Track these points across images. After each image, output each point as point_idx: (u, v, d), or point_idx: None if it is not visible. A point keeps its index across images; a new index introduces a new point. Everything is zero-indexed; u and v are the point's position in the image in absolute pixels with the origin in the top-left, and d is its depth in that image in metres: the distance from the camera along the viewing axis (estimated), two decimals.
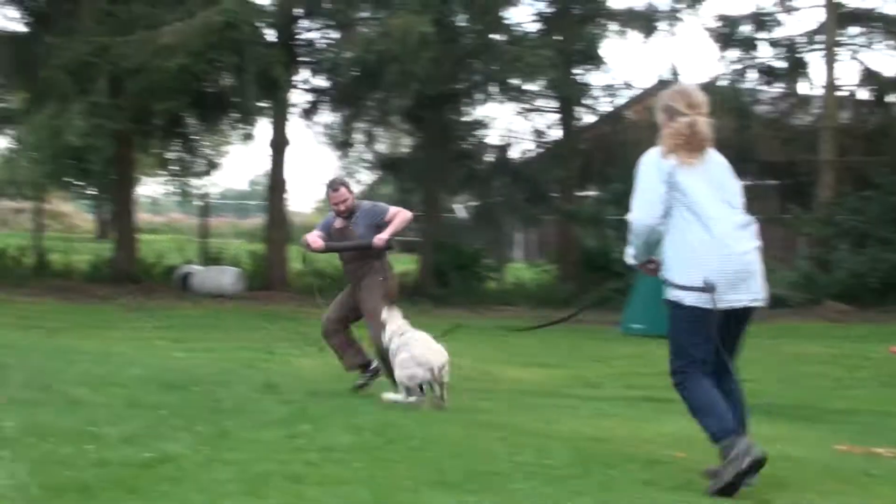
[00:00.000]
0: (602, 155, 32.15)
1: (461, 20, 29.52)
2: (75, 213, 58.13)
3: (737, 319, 7.15)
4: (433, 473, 6.80)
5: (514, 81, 30.16)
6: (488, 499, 6.28)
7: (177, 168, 33.30)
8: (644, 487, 6.80)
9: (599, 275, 28.63)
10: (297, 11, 29.56)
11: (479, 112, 32.66)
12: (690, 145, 7.18)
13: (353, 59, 27.20)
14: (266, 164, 30.85)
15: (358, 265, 11.59)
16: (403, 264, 32.53)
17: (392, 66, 25.64)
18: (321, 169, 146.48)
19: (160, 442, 7.30)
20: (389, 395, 10.54)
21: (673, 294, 7.15)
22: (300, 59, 30.14)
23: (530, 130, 33.31)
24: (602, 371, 15.28)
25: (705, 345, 7.05)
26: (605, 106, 32.63)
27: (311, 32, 30.62)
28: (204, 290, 26.73)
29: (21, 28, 29.42)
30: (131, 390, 9.89)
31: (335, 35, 29.81)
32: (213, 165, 34.14)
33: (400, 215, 11.62)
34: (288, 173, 30.40)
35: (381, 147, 35.89)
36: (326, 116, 32.36)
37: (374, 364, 11.57)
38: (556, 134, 32.92)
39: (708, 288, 6.89)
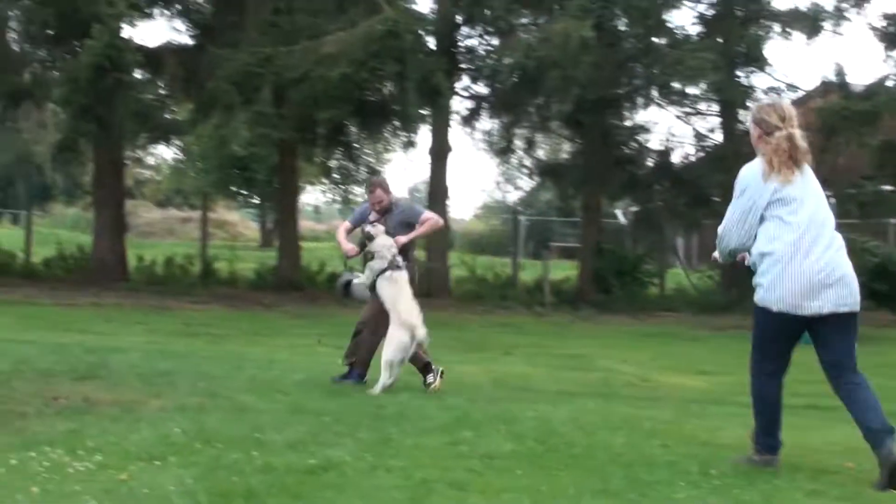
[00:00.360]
0: None
1: (622, 24, 29.31)
2: (240, 221, 59.20)
3: (829, 327, 7.35)
4: (595, 482, 6.75)
5: (676, 85, 29.85)
6: None
7: (339, 176, 33.67)
8: (809, 498, 6.66)
9: None
10: (458, 19, 29.69)
11: (639, 116, 32.42)
12: (793, 160, 7.39)
13: (513, 65, 27.22)
14: (427, 172, 31.04)
15: None
16: (563, 270, 32.46)
17: (552, 72, 25.59)
18: (481, 176, 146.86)
19: (324, 448, 7.39)
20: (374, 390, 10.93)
21: (761, 299, 7.44)
22: (461, 65, 30.25)
23: (692, 134, 32.88)
24: None
25: (786, 350, 7.57)
26: None
27: (472, 39, 30.71)
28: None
29: (188, 40, 30.11)
30: (295, 397, 10.04)
31: (495, 41, 29.86)
32: (374, 173, 34.41)
33: (431, 221, 12.08)
34: (449, 180, 30.55)
35: (541, 153, 35.89)
36: (486, 123, 32.49)
37: (360, 375, 11.85)
38: (718, 137, 32.47)
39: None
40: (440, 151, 30.19)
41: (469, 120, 32.02)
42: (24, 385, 9.99)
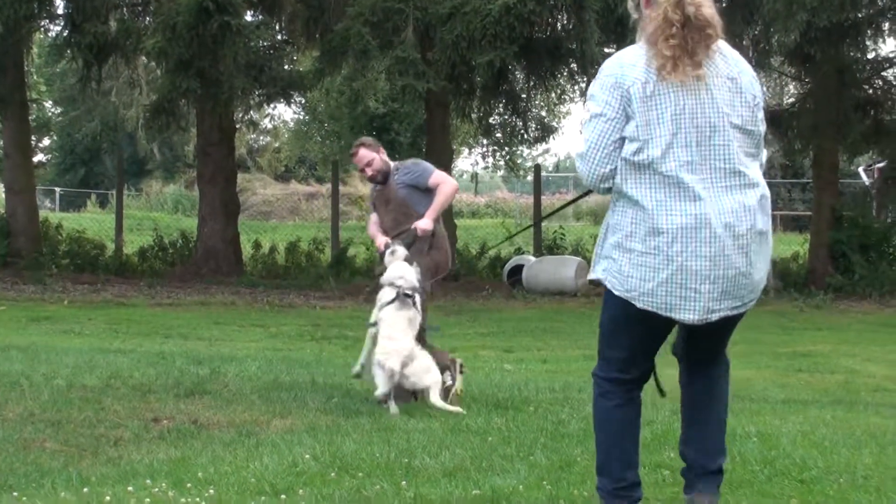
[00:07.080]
0: None
1: None
2: None
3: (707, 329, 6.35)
4: None
5: None
6: None
7: (502, 135, 33.68)
8: None
9: None
10: None
11: (887, 47, 31.97)
12: (689, 42, 5.88)
13: None
14: None
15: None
16: (790, 245, 32.12)
17: None
18: None
19: (490, 476, 7.47)
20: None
21: (617, 286, 6.43)
22: None
23: None
24: None
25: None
26: None
27: None
28: (539, 287, 27.01)
29: None
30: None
31: None
32: (547, 130, 34.40)
33: (446, 186, 11.71)
34: None
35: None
36: None
37: None
38: None
39: None
40: None
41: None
42: (117, 404, 10.23)
